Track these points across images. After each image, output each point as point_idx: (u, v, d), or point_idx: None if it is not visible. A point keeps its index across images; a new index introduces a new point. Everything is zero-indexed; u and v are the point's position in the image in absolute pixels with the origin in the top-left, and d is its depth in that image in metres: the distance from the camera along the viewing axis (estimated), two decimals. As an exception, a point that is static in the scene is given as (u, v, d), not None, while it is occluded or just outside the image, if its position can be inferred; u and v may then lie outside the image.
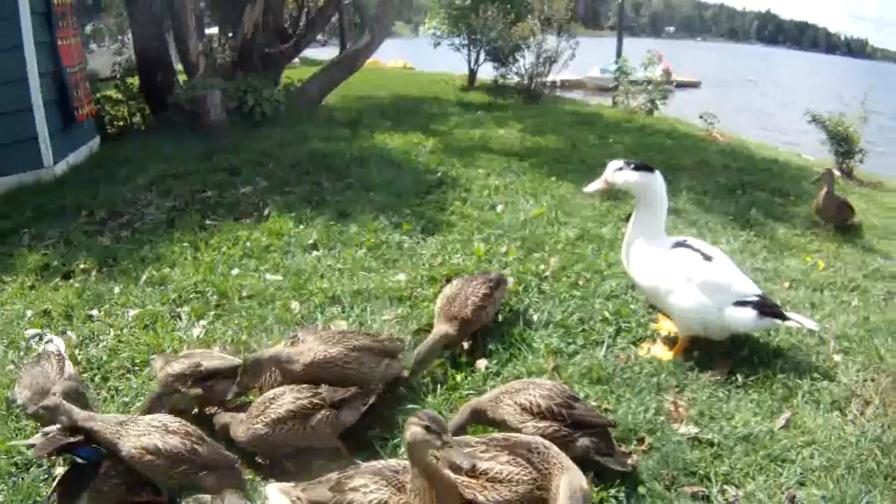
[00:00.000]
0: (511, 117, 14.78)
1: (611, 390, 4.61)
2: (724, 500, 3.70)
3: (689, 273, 4.90)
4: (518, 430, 3.78)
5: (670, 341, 5.27)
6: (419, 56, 35.78)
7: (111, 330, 5.39)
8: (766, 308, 4.87)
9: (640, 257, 5.07)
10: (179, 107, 12.51)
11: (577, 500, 2.99)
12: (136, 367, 4.88)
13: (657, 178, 4.98)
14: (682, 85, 37.28)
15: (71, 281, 6.25)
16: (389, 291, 5.86)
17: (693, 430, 4.24)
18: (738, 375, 4.78)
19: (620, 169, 4.98)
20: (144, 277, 6.22)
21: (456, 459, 2.90)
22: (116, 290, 6.02)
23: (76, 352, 5.06)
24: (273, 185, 8.89)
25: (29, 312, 5.65)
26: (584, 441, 3.79)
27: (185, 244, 6.92)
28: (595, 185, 5.16)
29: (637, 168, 4.94)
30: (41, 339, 5.17)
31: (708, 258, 4.98)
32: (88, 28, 19.52)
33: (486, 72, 20.31)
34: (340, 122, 13.54)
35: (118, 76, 14.31)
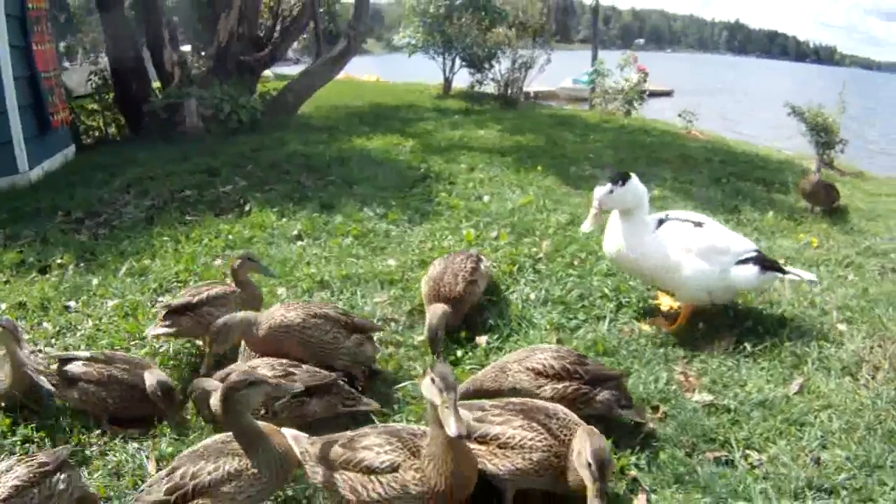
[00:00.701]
0: (489, 119, 14.70)
1: (618, 362, 4.48)
2: (747, 464, 3.58)
3: (687, 243, 4.79)
4: (534, 396, 3.60)
5: (671, 317, 5.16)
6: (392, 70, 35.79)
7: (89, 320, 5.15)
8: (767, 263, 4.85)
9: (632, 243, 4.85)
10: (155, 115, 12.28)
11: (600, 458, 2.79)
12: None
13: (637, 179, 4.79)
14: (654, 94, 37.56)
15: (47, 276, 5.99)
16: (380, 275, 5.67)
17: (707, 397, 4.14)
18: (746, 344, 4.69)
19: (611, 192, 4.70)
20: (124, 269, 5.98)
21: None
22: (95, 281, 5.77)
23: (52, 341, 4.83)
24: (253, 183, 8.66)
25: (3, 305, 5.40)
26: (604, 395, 3.64)
27: (166, 238, 6.69)
28: (590, 223, 4.81)
29: (625, 182, 4.69)
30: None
31: (699, 224, 4.91)
32: (62, 46, 19.20)
33: (461, 80, 20.30)
34: (317, 128, 13.36)
35: (93, 88, 14.01)
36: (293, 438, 3.24)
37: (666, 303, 5.33)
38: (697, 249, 4.77)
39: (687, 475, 3.43)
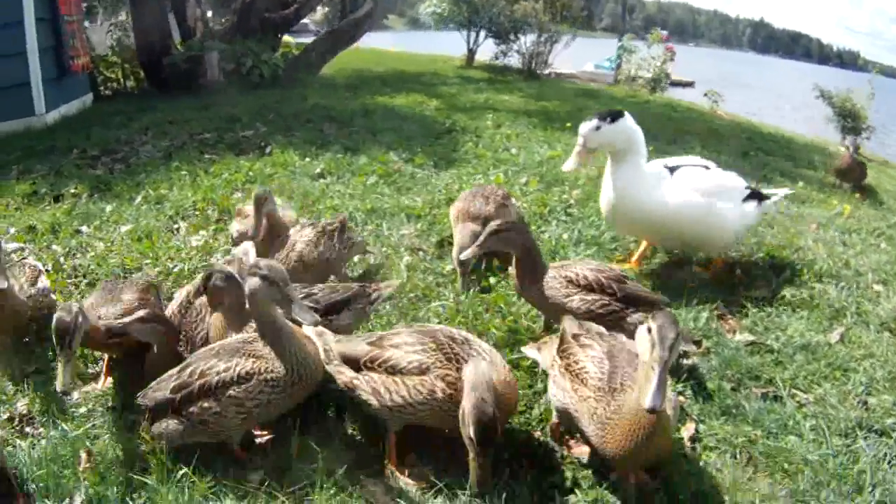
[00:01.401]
0: (514, 87, 14.48)
1: (657, 299, 4.28)
2: (795, 402, 3.41)
3: (706, 186, 4.48)
4: (562, 306, 3.40)
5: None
6: (414, 46, 35.48)
7: (101, 243, 5.00)
8: (758, 195, 4.72)
9: (633, 194, 4.40)
10: (175, 67, 12.06)
11: (482, 389, 2.47)
12: (127, 273, 4.50)
13: (631, 119, 4.38)
14: (676, 84, 37.16)
15: (60, 204, 5.84)
16: (406, 209, 5.51)
17: (749, 337, 3.99)
18: (785, 293, 4.53)
19: (598, 128, 4.24)
20: (140, 198, 5.84)
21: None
22: (108, 208, 5.63)
23: (62, 261, 4.68)
24: (274, 129, 8.48)
25: (12, 229, 5.23)
26: (636, 317, 3.42)
27: (184, 172, 6.53)
28: (573, 161, 4.39)
29: (614, 119, 4.26)
30: (22, 252, 4.73)
31: (706, 167, 4.67)
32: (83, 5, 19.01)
33: (485, 53, 19.98)
34: (340, 86, 13.18)
35: (113, 40, 13.80)
36: (317, 335, 3.03)
37: None
38: (718, 191, 4.50)
39: (734, 408, 3.30)
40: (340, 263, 4.19)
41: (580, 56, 24.28)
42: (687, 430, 3.11)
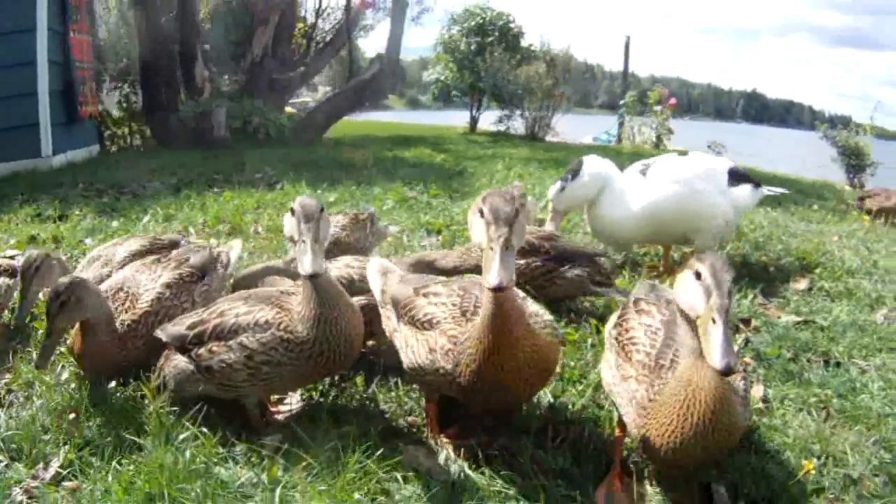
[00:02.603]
0: (519, 146, 14.57)
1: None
2: (857, 369, 3.24)
3: (683, 173, 4.32)
4: None
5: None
6: (416, 122, 36.21)
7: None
8: (752, 179, 4.63)
9: (623, 209, 4.31)
10: (182, 124, 12.16)
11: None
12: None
13: (592, 163, 4.33)
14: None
15: (65, 222, 5.68)
16: (426, 225, 5.38)
17: (796, 318, 3.84)
18: (823, 285, 4.49)
19: (563, 189, 4.23)
20: (147, 217, 5.70)
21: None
22: (115, 224, 5.49)
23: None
24: (284, 172, 8.43)
25: (12, 240, 5.03)
26: (573, 272, 3.37)
27: (193, 200, 6.41)
28: (549, 225, 4.31)
29: (575, 175, 4.22)
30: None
31: (683, 153, 4.62)
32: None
33: (487, 121, 20.21)
34: (347, 144, 13.26)
35: (121, 96, 13.93)
36: (381, 273, 2.81)
37: None
38: (696, 177, 4.33)
39: (797, 374, 3.15)
40: (369, 249, 4.18)
41: (578, 129, 24.65)
42: (756, 391, 2.94)
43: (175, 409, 2.48)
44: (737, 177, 4.55)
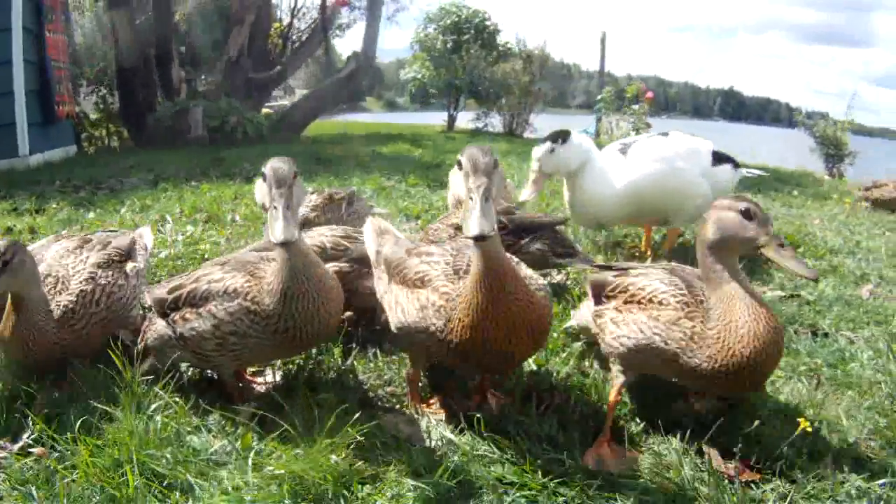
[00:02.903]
0: (498, 141, 14.55)
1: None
2: (845, 339, 3.24)
3: (665, 152, 4.27)
4: None
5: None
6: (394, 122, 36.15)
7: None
8: (732, 159, 4.56)
9: (605, 187, 4.24)
10: (159, 123, 12.03)
11: None
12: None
13: (577, 136, 4.25)
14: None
15: (41, 215, 5.58)
16: (404, 210, 5.34)
17: (780, 293, 3.83)
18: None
19: (552, 150, 4.10)
20: (124, 209, 5.60)
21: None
22: (91, 215, 5.39)
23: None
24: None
25: (-12, 231, 4.93)
26: (535, 245, 3.35)
27: (171, 193, 6.32)
28: (530, 189, 4.21)
29: (565, 139, 4.11)
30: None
31: (664, 133, 4.53)
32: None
33: (465, 120, 20.17)
34: (325, 142, 13.14)
35: (98, 97, 13.77)
36: (378, 233, 2.76)
37: None
38: (677, 156, 4.29)
39: (785, 344, 3.04)
40: None
41: (556, 128, 24.69)
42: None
43: (148, 377, 2.41)
44: (718, 157, 4.51)
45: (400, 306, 2.38)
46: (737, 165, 4.61)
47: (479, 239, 1.92)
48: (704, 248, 2.21)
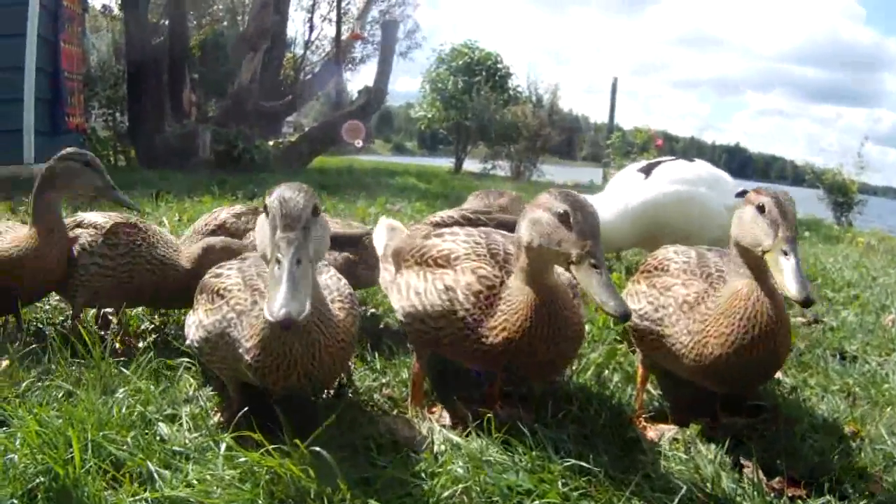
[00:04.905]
0: (506, 182, 14.51)
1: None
2: (875, 363, 3.04)
3: (688, 175, 4.14)
4: None
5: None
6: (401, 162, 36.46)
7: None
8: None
9: (639, 199, 4.10)
10: (167, 144, 11.95)
11: None
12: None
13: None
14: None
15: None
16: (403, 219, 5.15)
17: (801, 319, 3.66)
18: (826, 292, 4.42)
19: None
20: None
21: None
22: (88, 217, 5.21)
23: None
24: (265, 189, 8.19)
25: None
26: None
27: (172, 205, 6.17)
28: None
29: None
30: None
31: (691, 160, 4.38)
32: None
33: (471, 165, 20.16)
34: (332, 172, 13.07)
35: (107, 119, 13.79)
36: (388, 229, 2.77)
37: None
38: (701, 181, 4.14)
39: (814, 364, 2.95)
40: None
41: (562, 179, 24.85)
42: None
43: (121, 359, 2.18)
44: (740, 194, 4.37)
45: (412, 289, 2.14)
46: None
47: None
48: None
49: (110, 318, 2.85)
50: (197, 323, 1.97)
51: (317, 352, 1.77)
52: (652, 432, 2.18)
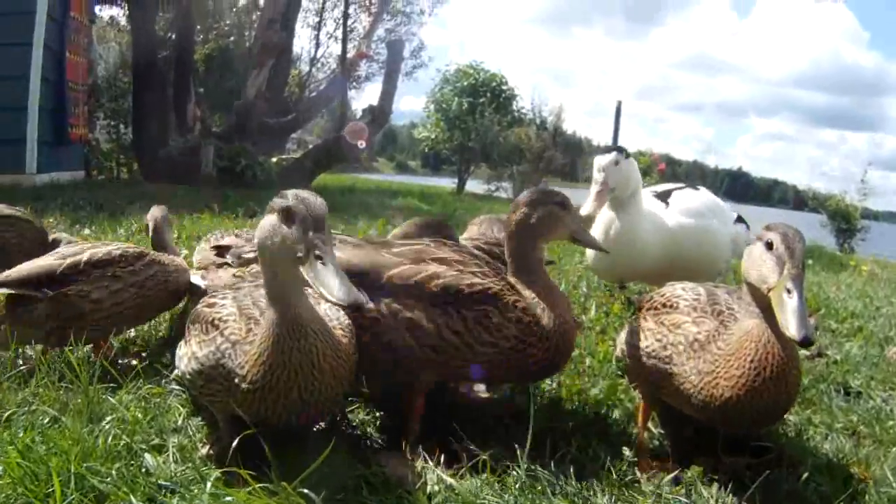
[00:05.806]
0: (508, 206, 14.45)
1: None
2: (880, 399, 3.01)
3: (702, 207, 4.04)
4: None
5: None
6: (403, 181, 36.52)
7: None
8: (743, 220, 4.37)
9: (652, 231, 3.87)
10: (170, 158, 11.96)
11: None
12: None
13: None
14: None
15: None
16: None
17: (805, 353, 3.57)
18: (830, 324, 4.38)
19: (617, 163, 3.65)
20: (121, 230, 5.43)
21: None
22: (86, 231, 5.22)
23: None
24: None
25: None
26: None
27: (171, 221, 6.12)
28: (592, 203, 3.66)
29: (628, 154, 3.76)
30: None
31: (695, 188, 4.29)
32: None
33: (474, 186, 20.17)
34: (334, 191, 13.06)
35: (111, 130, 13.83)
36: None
37: None
38: (710, 212, 4.06)
39: (817, 401, 2.90)
40: None
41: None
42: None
43: (111, 385, 2.13)
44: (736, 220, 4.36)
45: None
46: (748, 227, 4.36)
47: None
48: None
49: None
50: (189, 355, 1.93)
51: (316, 359, 1.77)
52: (652, 473, 2.13)
